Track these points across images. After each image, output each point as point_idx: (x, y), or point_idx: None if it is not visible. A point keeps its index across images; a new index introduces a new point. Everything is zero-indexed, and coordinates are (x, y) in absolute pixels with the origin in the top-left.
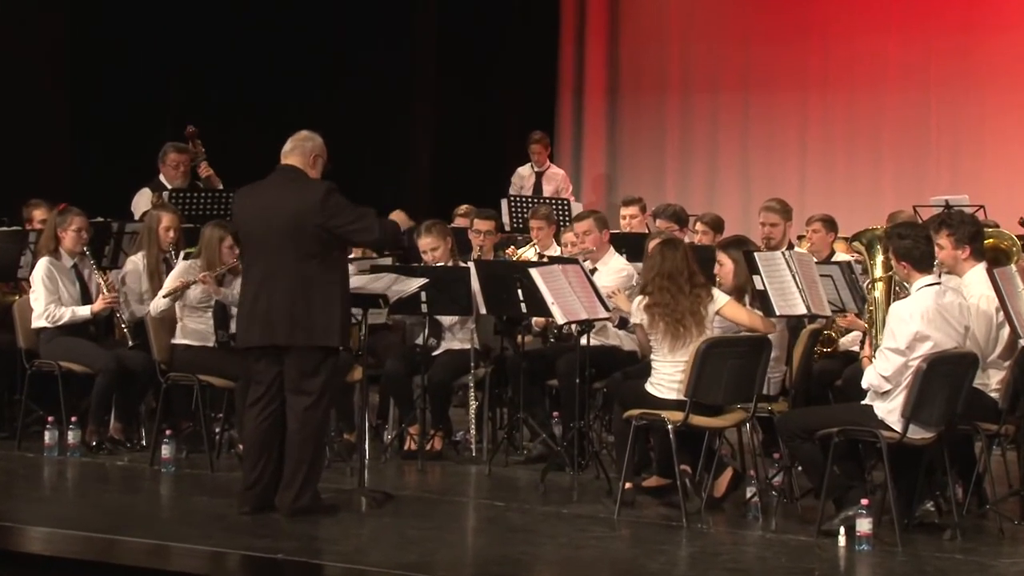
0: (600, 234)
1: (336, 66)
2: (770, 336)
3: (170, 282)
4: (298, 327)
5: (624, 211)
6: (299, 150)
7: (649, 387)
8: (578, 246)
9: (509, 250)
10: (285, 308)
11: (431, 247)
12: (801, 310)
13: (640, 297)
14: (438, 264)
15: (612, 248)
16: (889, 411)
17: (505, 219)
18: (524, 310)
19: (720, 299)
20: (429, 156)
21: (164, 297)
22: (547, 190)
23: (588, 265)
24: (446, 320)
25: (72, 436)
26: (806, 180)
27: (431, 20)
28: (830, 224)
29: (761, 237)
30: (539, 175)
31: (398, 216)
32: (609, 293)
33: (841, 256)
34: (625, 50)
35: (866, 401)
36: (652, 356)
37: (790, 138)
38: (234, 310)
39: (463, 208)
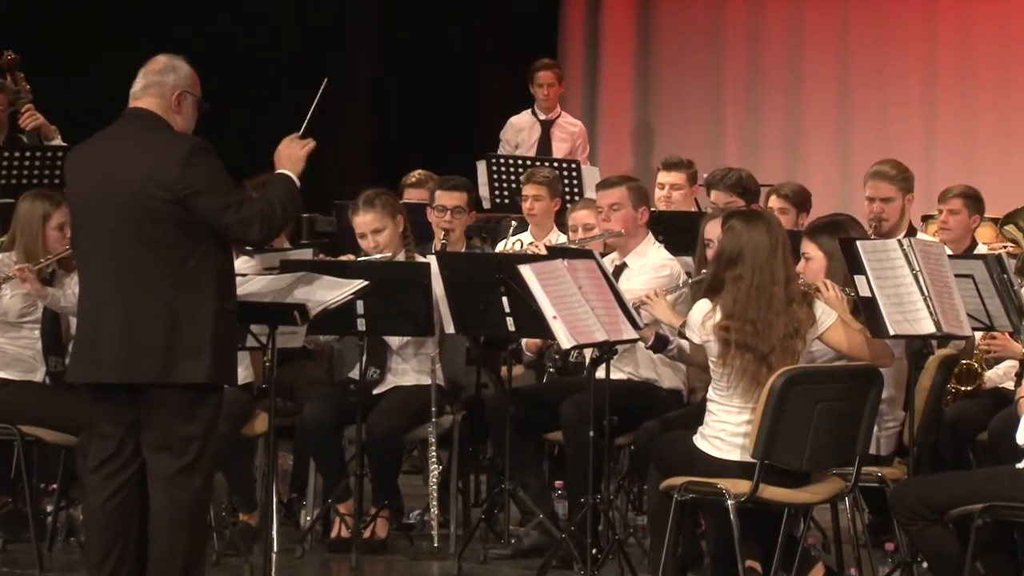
0: (636, 212)
1: None
2: (882, 368)
3: None
4: (146, 356)
5: (663, 178)
6: (155, 87)
7: (701, 442)
8: (601, 226)
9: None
10: (127, 328)
11: (372, 229)
12: (927, 328)
13: (706, 305)
14: (382, 256)
15: (651, 235)
16: None
17: (483, 191)
18: (511, 328)
19: (825, 319)
20: (369, 99)
21: None
22: (559, 149)
23: (614, 259)
24: (394, 342)
25: None
26: (935, 134)
27: None
28: (973, 201)
29: (867, 218)
30: (546, 126)
31: (289, 153)
32: (643, 297)
33: (987, 247)
34: None
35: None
36: (710, 394)
37: (911, 70)
38: (73, 323)
39: (416, 175)
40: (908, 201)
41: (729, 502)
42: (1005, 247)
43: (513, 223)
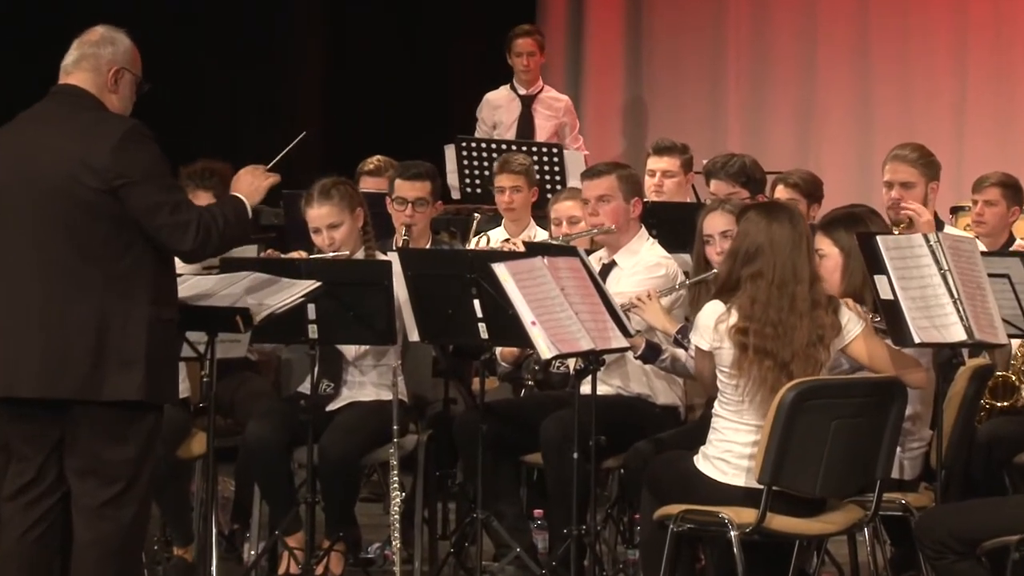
0: (627, 205)
1: None
2: (912, 386)
3: None
4: (70, 368)
5: (654, 164)
6: (90, 61)
7: (703, 463)
8: (588, 221)
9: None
10: (49, 335)
11: (328, 223)
12: (957, 335)
13: (718, 307)
14: (338, 254)
15: (644, 229)
16: None
17: (452, 179)
18: (484, 335)
19: (852, 328)
20: (320, 74)
21: None
22: (543, 129)
23: (601, 257)
24: (351, 352)
25: None
26: (966, 115)
27: None
28: (1012, 191)
29: (885, 207)
30: (527, 102)
31: (250, 180)
32: (634, 300)
33: None
34: None
35: None
36: (717, 409)
37: (939, 41)
38: None
39: (374, 161)
40: (932, 190)
41: (732, 533)
42: None
43: (476, 215)
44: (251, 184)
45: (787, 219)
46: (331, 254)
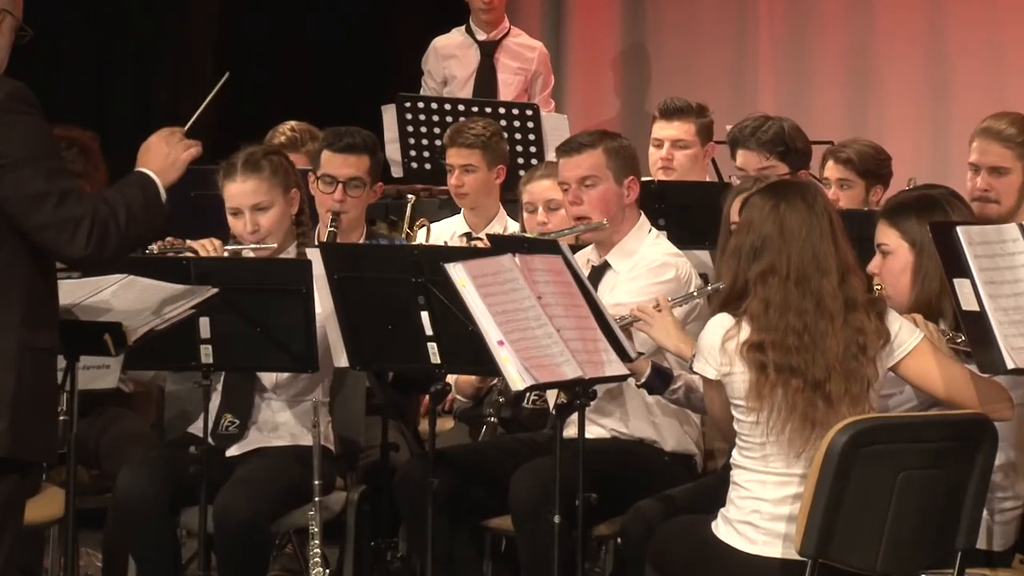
0: (620, 187)
1: None
2: (997, 421)
3: None
4: None
5: (662, 131)
6: None
7: (723, 529)
8: (569, 211)
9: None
10: None
11: (253, 203)
12: None
13: (725, 321)
14: (263, 246)
15: (644, 219)
16: None
17: (391, 151)
18: (435, 360)
19: (906, 338)
20: (215, 18)
21: None
22: (509, 85)
23: (589, 256)
24: (268, 380)
25: None
26: None
27: None
28: None
29: (969, 196)
30: (488, 49)
31: (165, 152)
32: (637, 311)
33: None
34: None
35: None
36: (735, 457)
37: None
38: None
39: (288, 129)
40: None
41: None
42: None
43: (410, 196)
44: (166, 156)
45: (799, 198)
46: (253, 245)
